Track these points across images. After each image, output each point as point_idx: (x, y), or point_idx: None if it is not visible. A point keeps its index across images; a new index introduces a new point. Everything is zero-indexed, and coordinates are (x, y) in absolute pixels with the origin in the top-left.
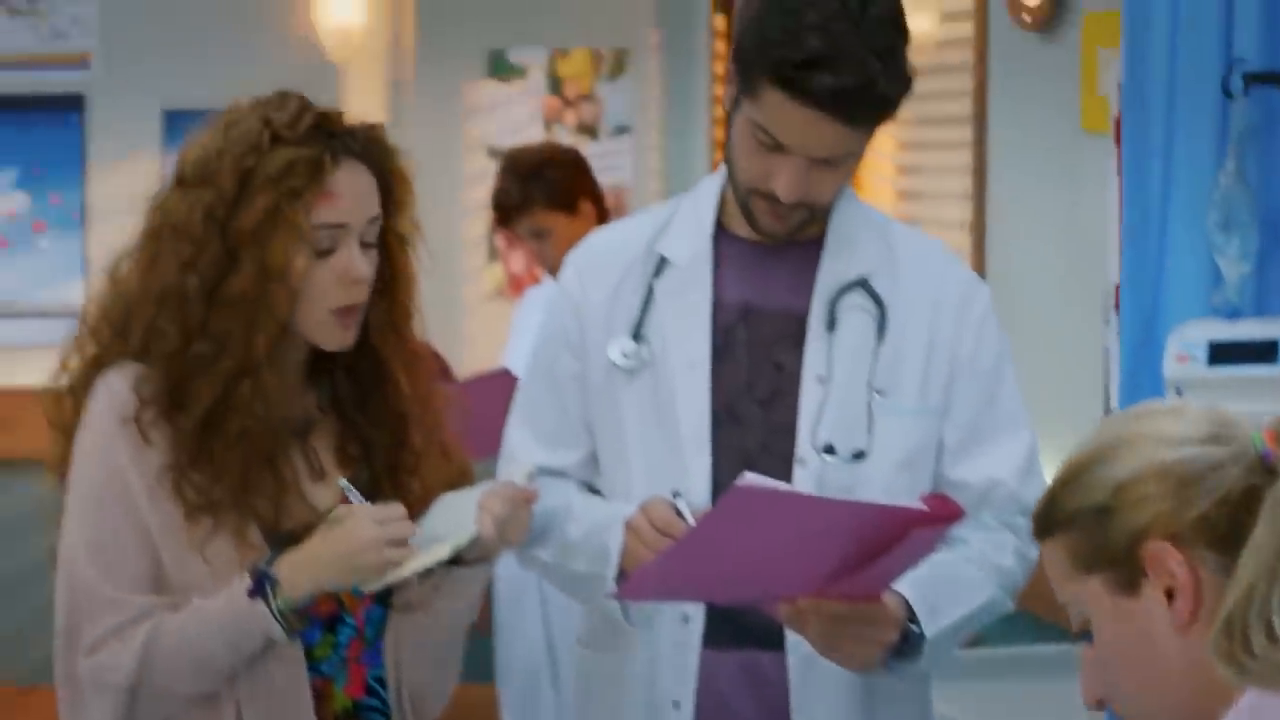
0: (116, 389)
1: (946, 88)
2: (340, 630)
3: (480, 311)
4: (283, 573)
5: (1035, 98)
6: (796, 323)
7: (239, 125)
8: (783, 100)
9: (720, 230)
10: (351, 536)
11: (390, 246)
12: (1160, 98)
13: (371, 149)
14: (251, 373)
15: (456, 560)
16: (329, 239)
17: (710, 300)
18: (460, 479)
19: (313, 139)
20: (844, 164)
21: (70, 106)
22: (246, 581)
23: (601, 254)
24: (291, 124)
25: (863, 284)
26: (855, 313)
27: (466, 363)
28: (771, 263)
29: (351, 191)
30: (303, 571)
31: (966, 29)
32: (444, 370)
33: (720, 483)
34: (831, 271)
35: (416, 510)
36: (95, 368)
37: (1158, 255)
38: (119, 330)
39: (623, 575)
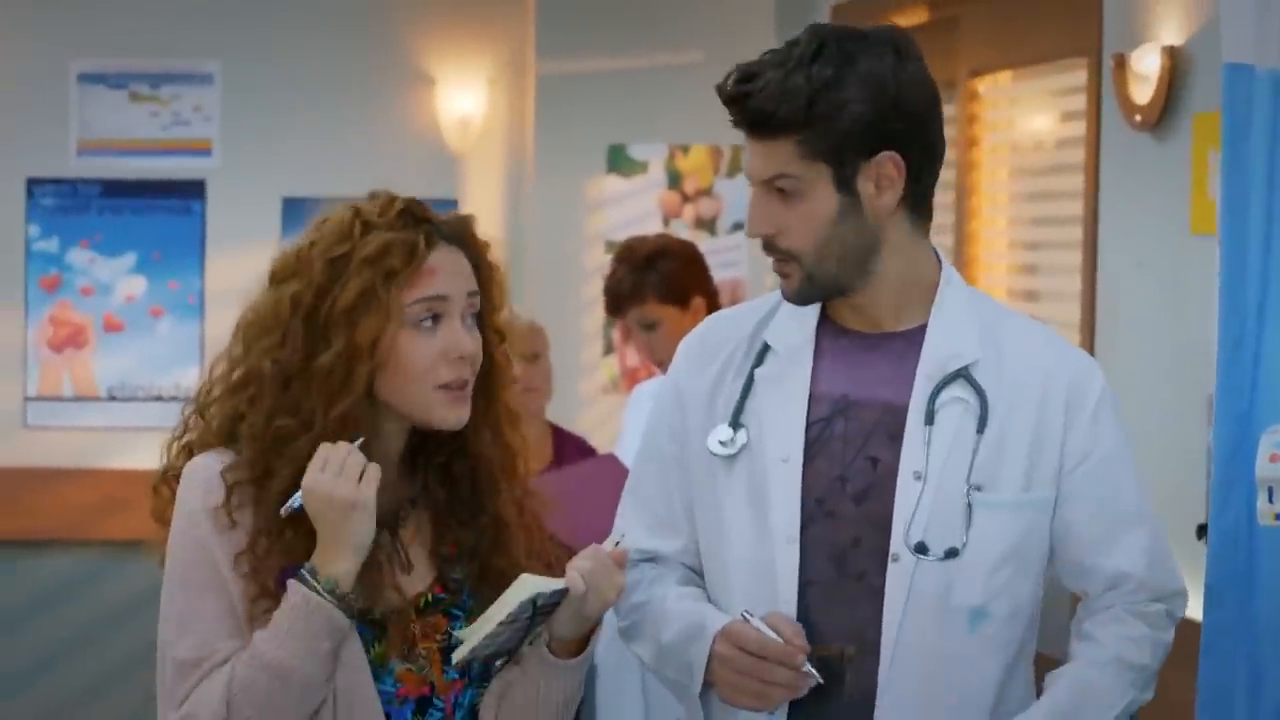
0: (200, 474)
1: (1061, 188)
2: (430, 714)
3: (596, 404)
4: (316, 562)
5: (1146, 199)
6: (894, 416)
7: (329, 219)
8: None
9: (826, 321)
10: (322, 504)
11: (488, 342)
12: (1260, 201)
13: (464, 235)
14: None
15: (550, 641)
16: (430, 313)
17: (807, 391)
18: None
19: (404, 224)
20: (798, 197)
21: (191, 193)
22: (297, 587)
23: (709, 341)
24: (382, 212)
25: (964, 374)
26: (955, 405)
27: None
28: (872, 354)
29: (449, 267)
30: (326, 557)
31: (1081, 129)
32: (585, 448)
33: (808, 577)
34: (932, 362)
35: None
36: (187, 457)
37: (1253, 357)
38: (210, 421)
39: (707, 686)
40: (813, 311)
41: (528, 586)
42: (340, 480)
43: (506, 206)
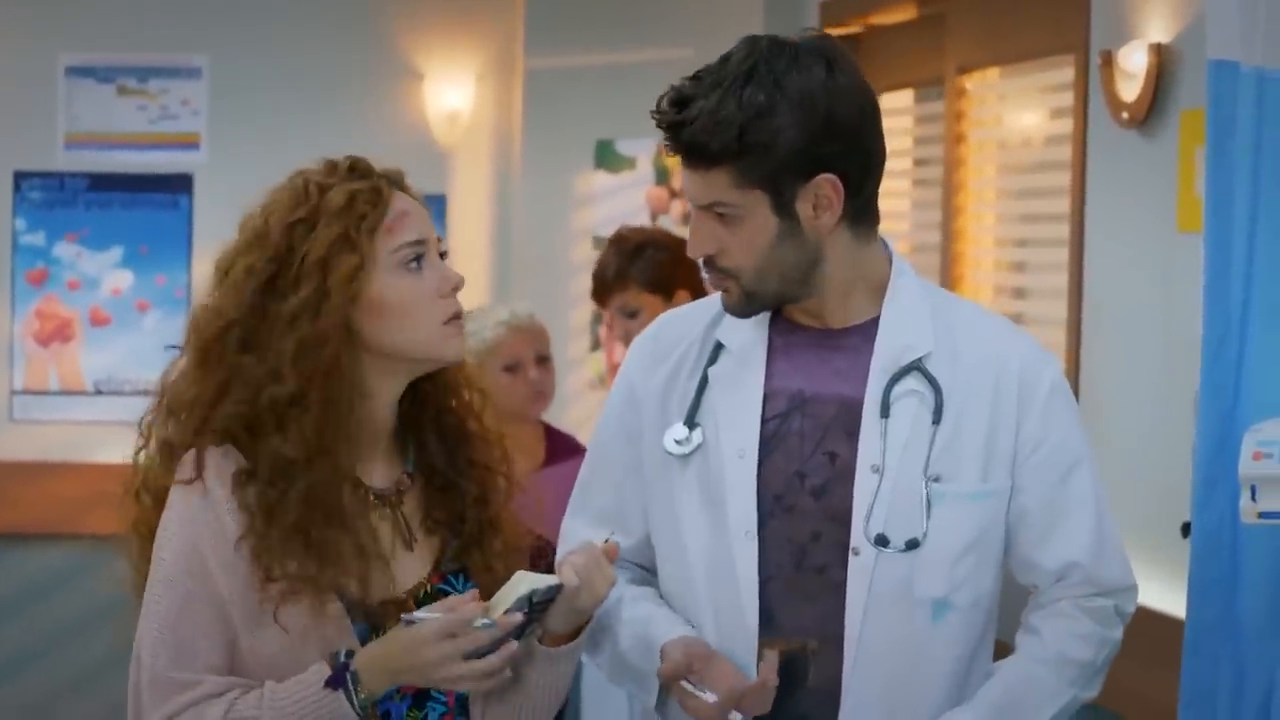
0: (191, 468)
1: (1048, 185)
2: (430, 706)
3: (582, 399)
4: (362, 668)
5: (1133, 196)
6: (850, 411)
7: (278, 193)
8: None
9: (779, 318)
10: (423, 653)
11: None
12: (1244, 199)
13: (407, 186)
14: (293, 392)
15: (542, 634)
16: (415, 255)
17: (761, 387)
18: (527, 540)
19: (358, 177)
20: (737, 221)
21: (178, 187)
22: (325, 672)
23: (662, 340)
24: (329, 172)
25: (918, 366)
26: (910, 398)
27: None
28: (826, 350)
29: (416, 212)
30: (381, 674)
31: (1068, 126)
32: (577, 447)
33: (768, 573)
34: (886, 355)
35: (500, 565)
36: (168, 456)
37: (1237, 355)
38: (182, 417)
39: (663, 693)
40: None
41: (524, 583)
42: (453, 669)
43: (494, 201)
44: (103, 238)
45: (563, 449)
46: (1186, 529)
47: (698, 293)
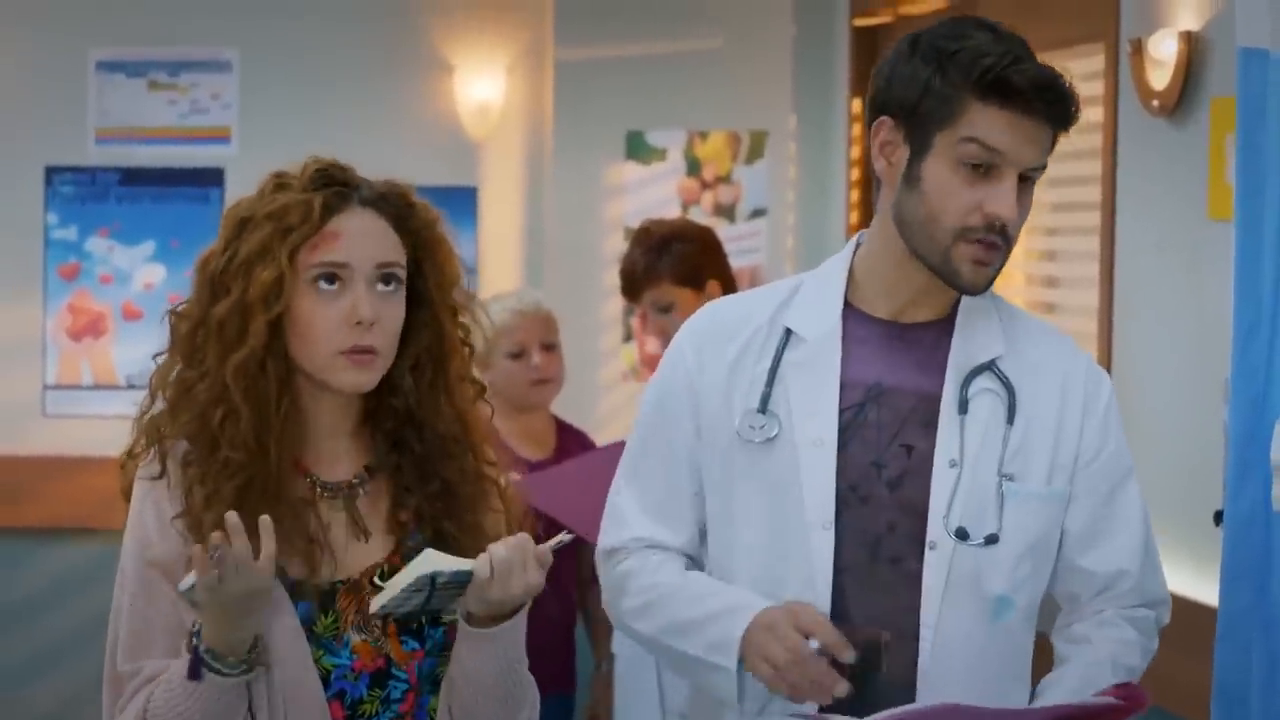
0: (154, 458)
1: (1078, 173)
2: (391, 686)
3: (614, 391)
4: (209, 639)
5: (1163, 184)
6: (927, 404)
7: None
8: (991, 110)
9: (849, 308)
10: (219, 605)
11: (434, 311)
12: (1275, 186)
13: (389, 201)
14: (225, 400)
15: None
16: (327, 276)
17: (838, 376)
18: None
19: (317, 186)
20: (1031, 186)
21: (210, 181)
22: (183, 669)
23: (720, 326)
24: (299, 175)
25: (991, 367)
26: (986, 395)
27: (600, 442)
28: (901, 343)
29: (357, 233)
30: (220, 629)
31: (1098, 114)
32: (587, 444)
33: (843, 564)
34: (963, 353)
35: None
36: (155, 433)
37: (1268, 342)
38: (160, 407)
39: (740, 664)
40: (836, 298)
41: (430, 562)
42: (237, 579)
43: (525, 193)
44: (134, 232)
45: (574, 444)
46: (1219, 517)
47: (727, 281)
